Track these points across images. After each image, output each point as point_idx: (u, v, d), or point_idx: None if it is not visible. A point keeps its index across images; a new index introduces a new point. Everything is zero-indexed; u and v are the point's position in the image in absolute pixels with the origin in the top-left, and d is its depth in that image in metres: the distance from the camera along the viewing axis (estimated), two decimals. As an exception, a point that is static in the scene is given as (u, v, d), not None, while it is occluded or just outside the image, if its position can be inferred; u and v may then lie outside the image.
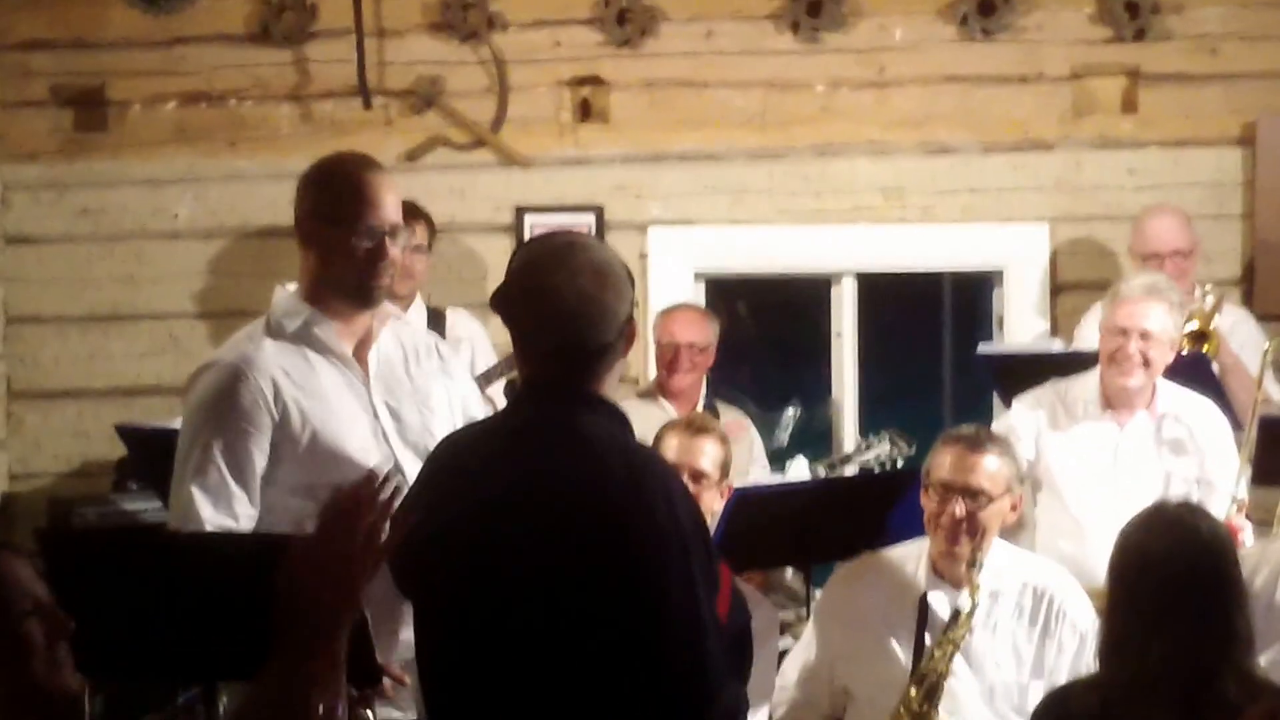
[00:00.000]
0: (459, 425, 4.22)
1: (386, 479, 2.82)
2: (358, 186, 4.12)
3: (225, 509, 4.04)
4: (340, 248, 4.11)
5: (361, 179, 4.14)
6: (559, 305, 3.36)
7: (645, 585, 3.24)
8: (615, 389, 3.49)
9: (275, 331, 4.15)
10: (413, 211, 6.60)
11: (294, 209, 4.20)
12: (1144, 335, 5.44)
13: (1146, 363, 5.47)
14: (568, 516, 3.29)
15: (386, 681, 3.99)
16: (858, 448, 6.31)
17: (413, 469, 4.07)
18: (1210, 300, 6.14)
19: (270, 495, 4.08)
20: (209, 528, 4.01)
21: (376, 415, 4.16)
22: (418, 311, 6.64)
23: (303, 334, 4.14)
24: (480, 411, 4.40)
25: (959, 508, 4.62)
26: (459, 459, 3.55)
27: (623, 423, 3.45)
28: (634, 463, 3.36)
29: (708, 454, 4.84)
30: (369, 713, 4.02)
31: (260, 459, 4.05)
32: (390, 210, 4.14)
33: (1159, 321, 5.46)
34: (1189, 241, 6.49)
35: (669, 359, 6.49)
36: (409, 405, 4.23)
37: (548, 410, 3.43)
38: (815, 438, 7.72)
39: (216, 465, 4.04)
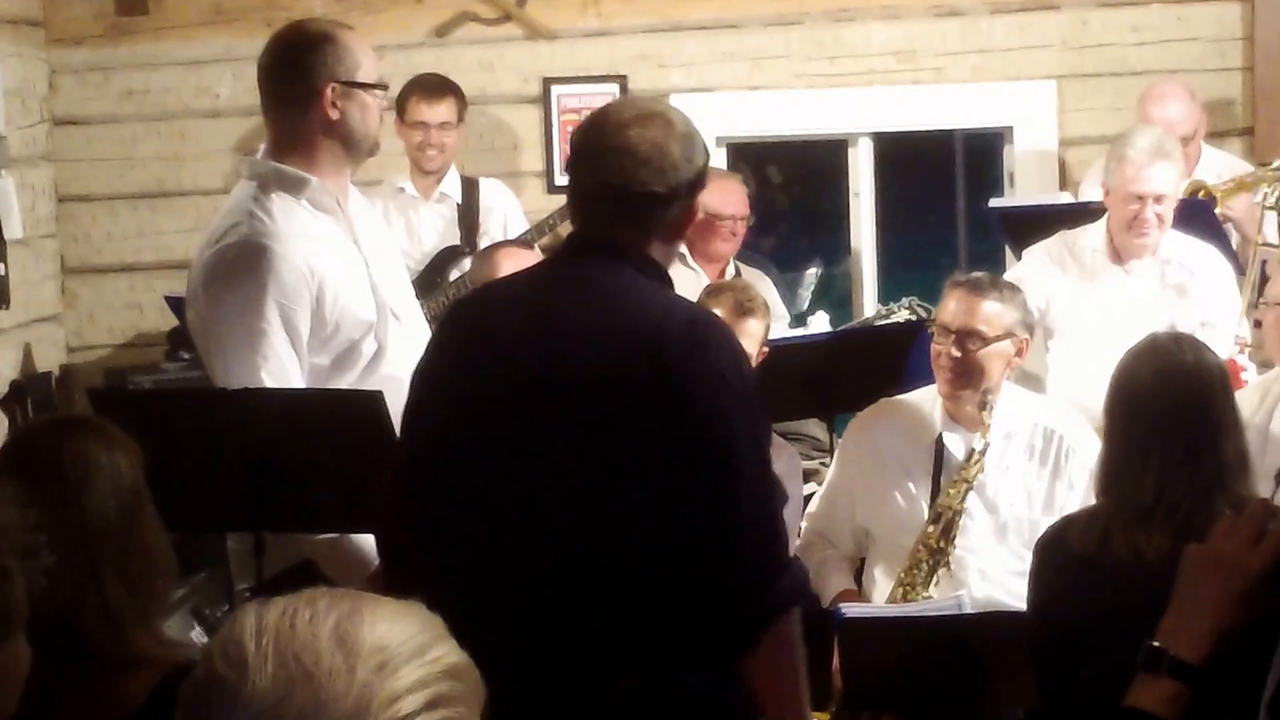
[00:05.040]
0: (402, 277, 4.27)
1: None
2: (369, 54, 4.12)
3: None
4: (370, 107, 4.07)
5: (365, 47, 4.14)
6: (618, 141, 3.13)
7: (716, 448, 2.98)
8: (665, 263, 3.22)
9: (278, 198, 4.01)
10: (439, 88, 6.53)
11: (312, 71, 4.06)
12: (1158, 199, 5.40)
13: (1160, 221, 5.43)
14: (622, 372, 3.00)
15: None
16: (878, 314, 6.27)
17: (391, 318, 4.09)
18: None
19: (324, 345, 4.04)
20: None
21: (368, 267, 4.09)
22: (452, 181, 6.60)
23: (308, 198, 4.03)
24: None
25: (954, 348, 4.60)
26: (477, 311, 3.31)
27: (670, 285, 3.20)
28: (696, 319, 3.10)
29: (753, 334, 4.75)
30: None
31: (305, 331, 3.97)
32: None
33: (1169, 181, 5.41)
34: (1195, 123, 6.37)
35: (710, 227, 6.28)
36: (380, 254, 4.18)
37: (596, 262, 3.16)
38: (836, 299, 7.71)
39: (274, 345, 3.90)
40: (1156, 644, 2.17)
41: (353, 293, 4.02)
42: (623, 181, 3.13)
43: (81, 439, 2.85)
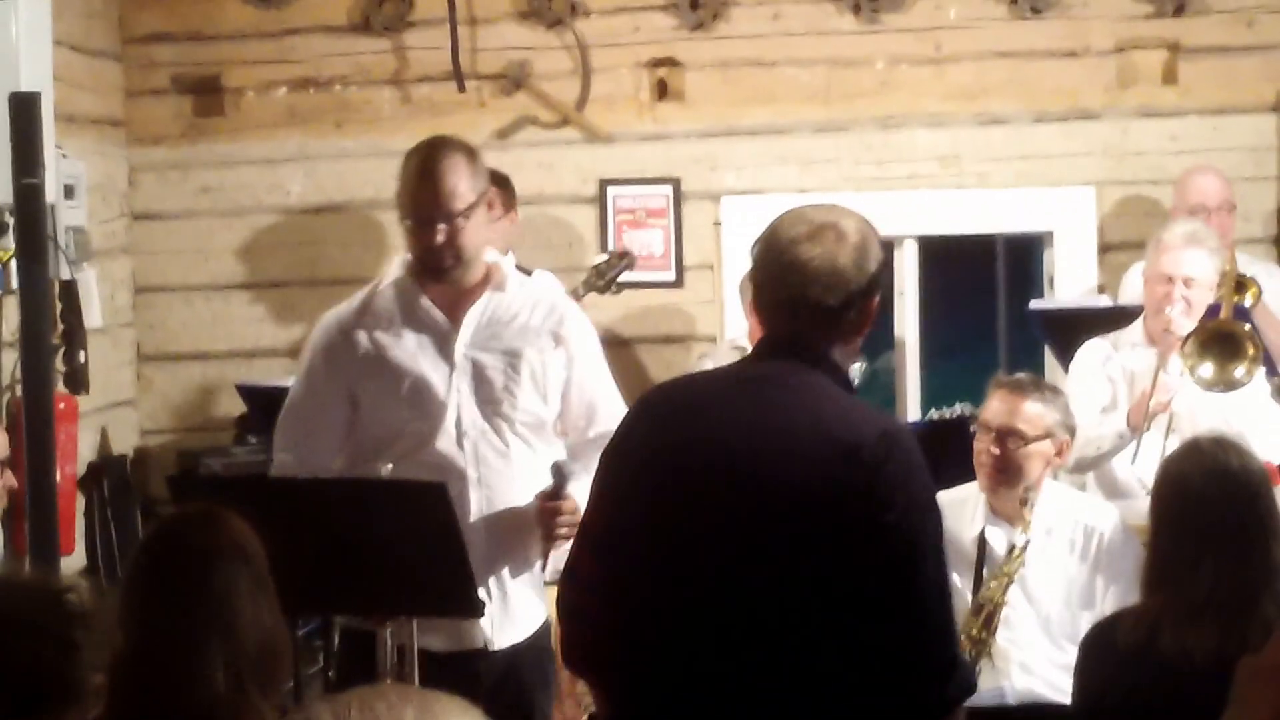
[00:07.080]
0: (547, 397, 4.26)
1: None
2: (405, 178, 4.17)
3: (289, 445, 4.26)
4: (405, 231, 4.24)
5: (409, 170, 4.17)
6: (790, 258, 3.15)
7: (906, 548, 3.01)
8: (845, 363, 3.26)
9: (376, 292, 4.27)
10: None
11: None
12: (1187, 281, 5.39)
13: (1188, 305, 5.42)
14: (822, 473, 3.02)
15: None
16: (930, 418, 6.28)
17: (474, 416, 4.16)
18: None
19: (357, 436, 4.21)
20: (275, 459, 4.27)
21: (454, 366, 4.18)
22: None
23: (396, 295, 4.23)
24: (602, 402, 4.33)
25: (994, 446, 4.64)
26: (680, 399, 3.32)
27: (852, 390, 3.25)
28: (889, 429, 3.09)
29: None
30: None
31: (337, 405, 4.20)
32: (428, 201, 4.12)
33: (1200, 267, 5.40)
34: (1230, 197, 6.41)
35: None
36: (494, 361, 4.21)
37: (789, 366, 3.19)
38: (881, 391, 7.73)
39: (294, 406, 4.28)
40: None
41: (413, 384, 4.16)
42: (798, 296, 3.16)
43: (216, 530, 2.95)
